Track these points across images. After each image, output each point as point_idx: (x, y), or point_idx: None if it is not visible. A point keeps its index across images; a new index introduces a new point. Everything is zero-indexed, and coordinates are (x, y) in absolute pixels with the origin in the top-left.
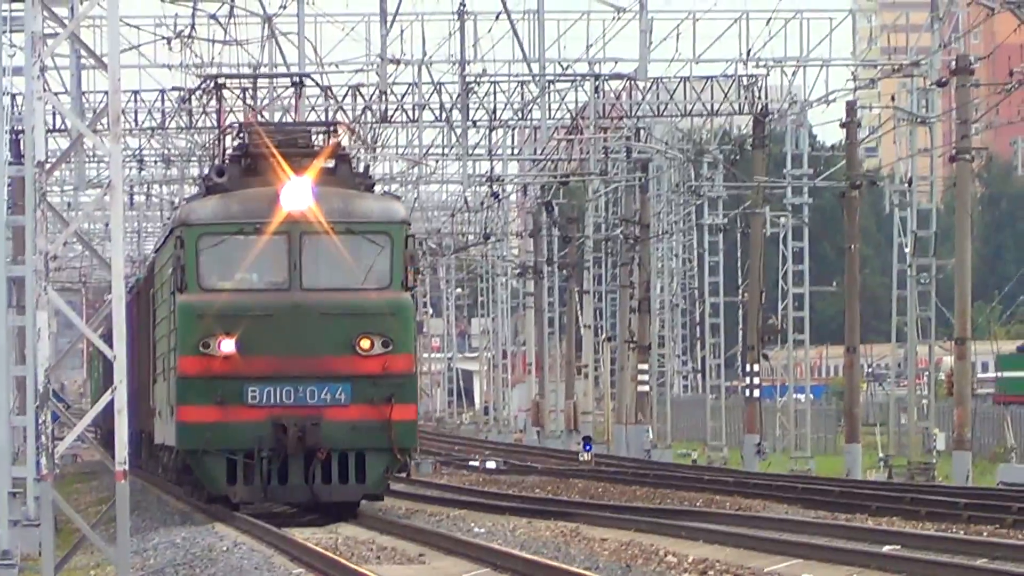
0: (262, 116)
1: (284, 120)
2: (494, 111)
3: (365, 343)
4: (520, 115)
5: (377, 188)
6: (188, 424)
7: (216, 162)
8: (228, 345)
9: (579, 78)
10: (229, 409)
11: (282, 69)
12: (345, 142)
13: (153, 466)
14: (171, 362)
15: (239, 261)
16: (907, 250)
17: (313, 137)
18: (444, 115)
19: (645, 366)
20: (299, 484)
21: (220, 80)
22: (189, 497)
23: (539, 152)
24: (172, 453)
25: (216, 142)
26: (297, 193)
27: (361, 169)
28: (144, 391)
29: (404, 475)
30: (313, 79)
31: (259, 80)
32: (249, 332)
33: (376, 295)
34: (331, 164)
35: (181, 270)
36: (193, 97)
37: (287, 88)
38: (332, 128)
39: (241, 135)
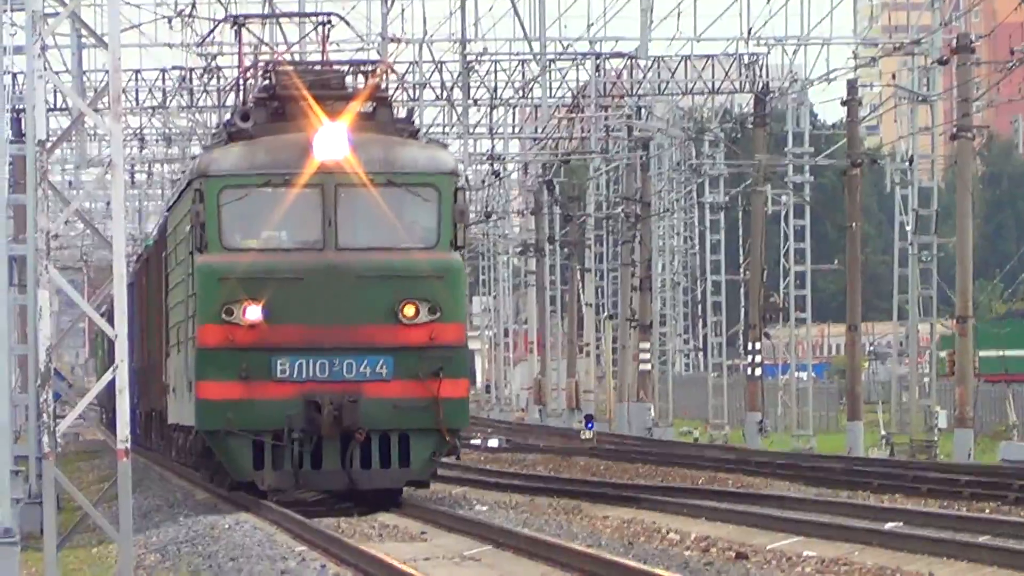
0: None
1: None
2: (495, 90)
3: (409, 310)
4: (521, 94)
5: None
6: (209, 402)
7: (240, 105)
8: (254, 312)
9: (580, 57)
10: (255, 385)
11: (282, 47)
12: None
13: (166, 448)
14: (188, 332)
15: (266, 217)
16: (908, 228)
17: (348, 79)
18: (445, 94)
19: (647, 344)
20: (335, 469)
21: (240, 19)
22: (208, 483)
23: (540, 131)
24: (189, 434)
25: (238, 85)
26: (331, 140)
27: (403, 114)
28: (155, 366)
29: (454, 458)
30: (344, 20)
31: (283, 21)
32: (278, 297)
33: (422, 255)
34: (369, 108)
35: (200, 227)
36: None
37: (314, 28)
38: (371, 68)
39: (268, 76)
